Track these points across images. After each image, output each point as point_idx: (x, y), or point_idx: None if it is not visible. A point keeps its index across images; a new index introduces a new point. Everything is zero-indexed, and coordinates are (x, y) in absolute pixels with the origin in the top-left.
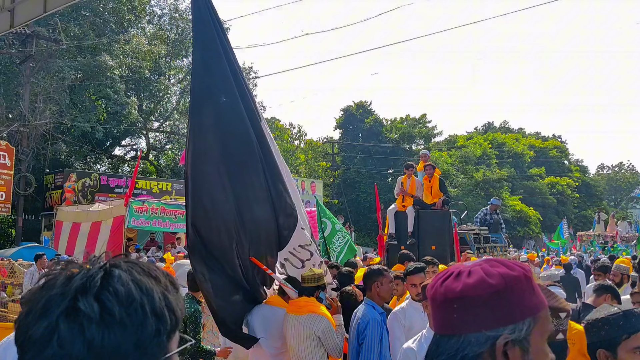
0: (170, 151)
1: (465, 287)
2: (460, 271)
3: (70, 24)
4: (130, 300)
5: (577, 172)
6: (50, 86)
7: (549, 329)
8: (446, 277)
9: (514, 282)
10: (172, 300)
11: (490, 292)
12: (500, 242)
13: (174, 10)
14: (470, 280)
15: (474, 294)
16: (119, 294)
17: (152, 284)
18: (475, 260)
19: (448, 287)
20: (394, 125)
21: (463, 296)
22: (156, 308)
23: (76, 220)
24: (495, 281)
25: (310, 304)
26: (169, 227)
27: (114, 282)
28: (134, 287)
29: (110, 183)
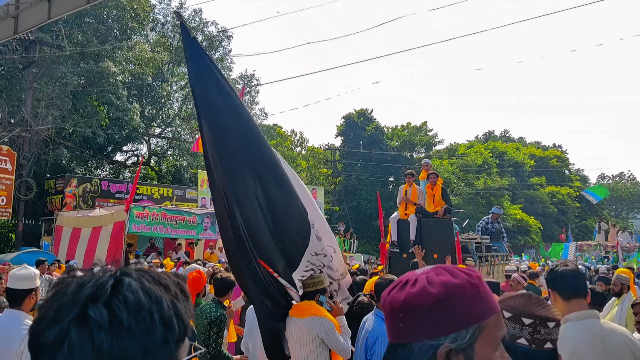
0: (172, 157)
1: (407, 297)
2: (408, 280)
3: (74, 30)
4: (139, 308)
5: (577, 182)
6: (53, 92)
7: (499, 336)
8: (394, 287)
9: (456, 290)
10: (181, 308)
11: (431, 302)
12: (501, 251)
13: (177, 17)
14: (413, 289)
15: (415, 303)
16: (128, 302)
17: (162, 292)
18: (426, 268)
19: (393, 296)
20: (395, 133)
21: (405, 306)
22: (165, 316)
23: (76, 226)
24: (436, 290)
25: (312, 307)
26: (169, 233)
27: (124, 290)
28: (143, 295)
29: (111, 188)
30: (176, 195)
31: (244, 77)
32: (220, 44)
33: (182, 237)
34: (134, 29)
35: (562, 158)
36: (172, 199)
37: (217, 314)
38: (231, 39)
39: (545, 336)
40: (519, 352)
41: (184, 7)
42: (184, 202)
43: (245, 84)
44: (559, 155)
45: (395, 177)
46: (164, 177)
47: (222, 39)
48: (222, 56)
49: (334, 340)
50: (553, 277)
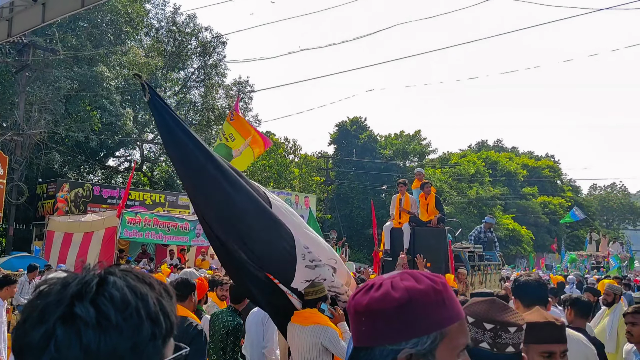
0: (164, 163)
1: (370, 301)
2: (373, 284)
3: (68, 34)
4: (125, 304)
5: (569, 192)
6: (46, 96)
7: (462, 343)
8: (359, 291)
9: (419, 295)
10: (167, 305)
11: (394, 306)
12: (494, 261)
13: (171, 23)
14: (376, 294)
15: (378, 307)
16: (115, 299)
17: (147, 289)
18: (392, 273)
19: (357, 300)
20: (388, 142)
21: (368, 310)
22: (151, 312)
23: (68, 231)
24: (399, 294)
25: (314, 316)
26: (161, 239)
27: (110, 287)
28: (129, 292)
29: (103, 194)
30: (168, 202)
31: (237, 84)
32: (215, 49)
33: (174, 244)
34: (128, 33)
35: (555, 168)
36: (164, 205)
37: (234, 323)
38: (225, 45)
39: (507, 340)
40: (481, 356)
41: (178, 12)
42: (176, 208)
43: (239, 90)
44: (552, 166)
45: (388, 185)
46: (157, 183)
47: (216, 44)
48: (216, 62)
49: (339, 347)
50: (516, 286)
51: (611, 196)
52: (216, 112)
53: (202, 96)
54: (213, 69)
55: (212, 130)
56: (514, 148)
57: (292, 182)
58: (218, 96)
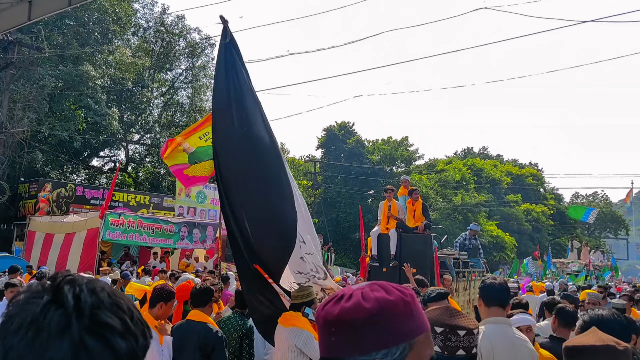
0: (150, 164)
1: (341, 311)
2: (343, 294)
3: (54, 32)
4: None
5: (552, 200)
6: (30, 94)
7: (428, 354)
8: (329, 300)
9: (390, 306)
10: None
11: (364, 317)
12: (478, 267)
13: (159, 23)
14: (347, 304)
15: (348, 317)
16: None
17: (129, 301)
18: (361, 284)
19: (327, 310)
20: (375, 147)
21: (339, 320)
22: (143, 319)
23: (49, 231)
24: (370, 305)
25: (294, 318)
26: (145, 241)
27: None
28: (125, 301)
29: (86, 194)
30: (153, 203)
31: None
32: (203, 51)
33: (158, 246)
34: (116, 32)
35: (538, 176)
36: (149, 206)
37: (246, 326)
38: (214, 47)
39: (457, 344)
40: (433, 358)
41: (167, 13)
42: (161, 210)
43: None
44: (535, 174)
45: (375, 190)
46: (141, 185)
47: (205, 46)
48: (205, 64)
49: (313, 350)
50: (481, 287)
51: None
52: (203, 114)
53: (190, 97)
54: (201, 71)
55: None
56: (498, 156)
57: None
58: (206, 98)
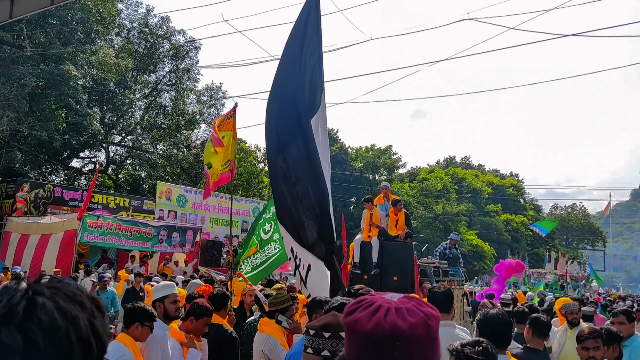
0: (131, 166)
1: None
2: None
3: (36, 31)
4: (54, 329)
5: (531, 211)
6: (10, 92)
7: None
8: (357, 307)
9: (437, 322)
10: (99, 326)
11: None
12: (457, 276)
13: (143, 24)
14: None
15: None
16: (43, 324)
17: (78, 310)
18: (395, 295)
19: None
20: (359, 154)
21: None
22: (82, 336)
23: (25, 232)
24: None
25: (265, 325)
26: (123, 244)
27: (38, 311)
28: (59, 315)
29: (65, 195)
30: (133, 206)
31: (209, 89)
32: (187, 54)
33: (136, 249)
34: (99, 32)
35: (518, 187)
36: (129, 209)
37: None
38: (199, 50)
39: (320, 346)
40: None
41: (151, 14)
42: (141, 213)
43: (211, 96)
44: (515, 184)
45: (357, 198)
46: (122, 187)
47: (189, 49)
48: (189, 66)
49: (276, 356)
50: (429, 294)
51: (571, 216)
52: (187, 116)
53: (173, 100)
54: (185, 73)
55: (181, 135)
56: (480, 166)
57: (262, 190)
58: (189, 101)
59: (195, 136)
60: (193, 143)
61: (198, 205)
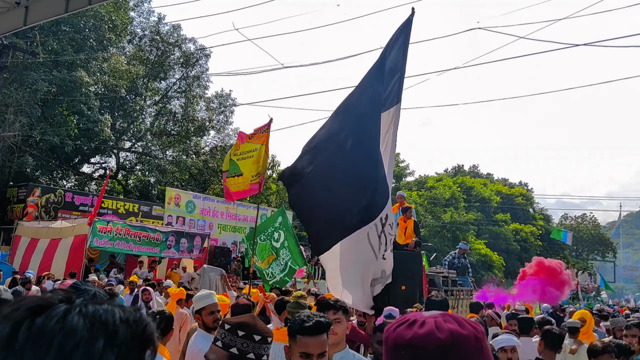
0: (140, 172)
1: (414, 337)
2: (415, 320)
3: (49, 38)
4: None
5: (541, 221)
6: (22, 98)
7: None
8: (400, 324)
9: (462, 340)
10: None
11: (437, 345)
12: (466, 286)
13: (155, 32)
14: (420, 330)
15: (421, 344)
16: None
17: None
18: (432, 312)
19: (399, 333)
20: None
21: (411, 344)
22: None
23: (35, 236)
24: (444, 336)
25: (281, 333)
26: (131, 249)
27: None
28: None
29: (76, 200)
30: (142, 211)
31: (219, 96)
32: (198, 61)
33: (144, 254)
34: (111, 40)
35: (528, 196)
36: (138, 214)
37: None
38: (209, 58)
39: (230, 342)
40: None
41: (163, 22)
42: (150, 219)
43: (221, 104)
44: (525, 194)
45: None
46: (131, 192)
47: (199, 56)
48: (199, 74)
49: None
50: (426, 302)
51: (581, 227)
52: (196, 123)
53: (183, 107)
54: (195, 81)
55: (190, 141)
56: (489, 174)
57: (269, 197)
58: (199, 108)
59: (205, 143)
60: (202, 150)
61: (206, 211)
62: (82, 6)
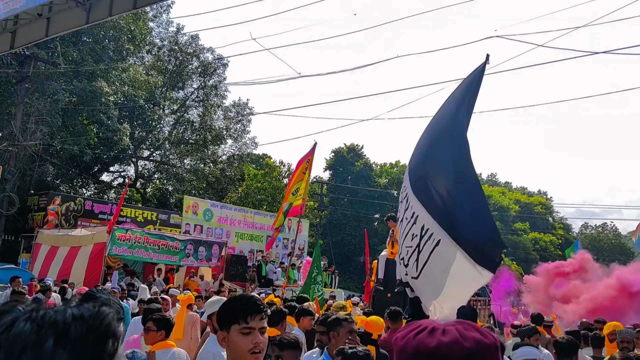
0: (158, 180)
1: (439, 345)
2: (434, 328)
3: (70, 48)
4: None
5: (560, 230)
6: (44, 108)
7: None
8: (419, 331)
9: (486, 350)
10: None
11: (463, 355)
12: (483, 296)
13: (174, 42)
14: (444, 338)
15: (447, 353)
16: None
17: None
18: (448, 320)
19: (421, 341)
20: (383, 170)
21: (436, 352)
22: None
23: (55, 244)
24: (469, 345)
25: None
26: (150, 258)
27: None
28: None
29: (95, 209)
30: (160, 220)
31: (236, 105)
32: (215, 71)
33: (163, 262)
34: (130, 50)
35: (547, 205)
36: (156, 222)
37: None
38: (226, 67)
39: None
40: None
41: (181, 33)
42: (168, 227)
43: (238, 112)
44: (544, 202)
45: (381, 214)
46: (149, 201)
47: (217, 66)
48: (216, 83)
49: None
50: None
51: (602, 236)
52: (213, 132)
53: (200, 116)
54: (213, 90)
55: (208, 150)
56: (507, 183)
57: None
58: (216, 117)
59: (222, 151)
60: (219, 158)
61: (224, 219)
62: (103, 17)
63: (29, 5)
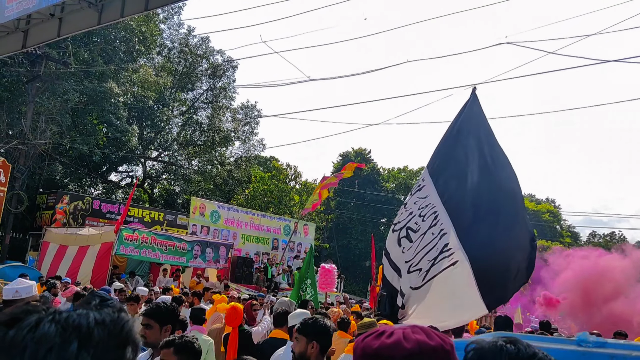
0: (166, 181)
1: (380, 346)
2: (384, 331)
3: (81, 48)
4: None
5: (568, 238)
6: (54, 107)
7: None
8: (369, 334)
9: (429, 351)
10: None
11: (403, 355)
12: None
13: (184, 44)
14: (388, 340)
15: (387, 353)
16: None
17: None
18: (402, 324)
19: (367, 343)
20: (391, 175)
21: (377, 354)
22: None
23: (63, 243)
24: (410, 346)
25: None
26: (158, 258)
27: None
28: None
29: (103, 208)
30: (167, 220)
31: (245, 107)
32: (225, 73)
33: (170, 263)
34: (140, 51)
35: (555, 213)
36: (163, 223)
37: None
38: (236, 69)
39: None
40: None
41: (192, 35)
42: (174, 228)
43: (246, 115)
44: (552, 210)
45: (388, 218)
46: (156, 201)
47: (226, 68)
48: (226, 85)
49: None
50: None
51: (610, 244)
52: (222, 134)
53: (209, 118)
54: (222, 92)
55: (216, 151)
56: None
57: (292, 208)
58: (225, 119)
59: (230, 153)
60: (227, 160)
61: (230, 221)
62: (115, 19)
63: (42, 5)
